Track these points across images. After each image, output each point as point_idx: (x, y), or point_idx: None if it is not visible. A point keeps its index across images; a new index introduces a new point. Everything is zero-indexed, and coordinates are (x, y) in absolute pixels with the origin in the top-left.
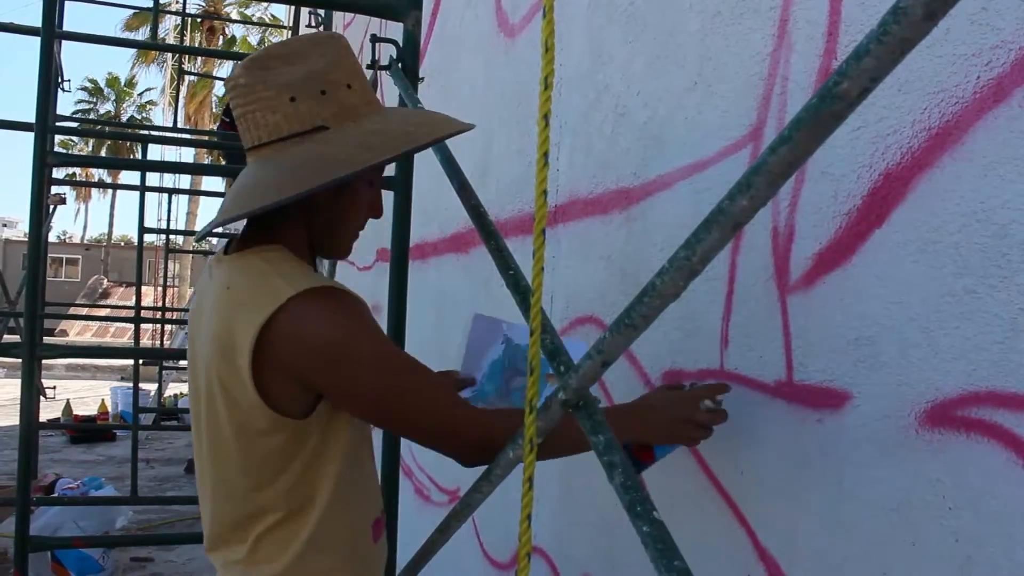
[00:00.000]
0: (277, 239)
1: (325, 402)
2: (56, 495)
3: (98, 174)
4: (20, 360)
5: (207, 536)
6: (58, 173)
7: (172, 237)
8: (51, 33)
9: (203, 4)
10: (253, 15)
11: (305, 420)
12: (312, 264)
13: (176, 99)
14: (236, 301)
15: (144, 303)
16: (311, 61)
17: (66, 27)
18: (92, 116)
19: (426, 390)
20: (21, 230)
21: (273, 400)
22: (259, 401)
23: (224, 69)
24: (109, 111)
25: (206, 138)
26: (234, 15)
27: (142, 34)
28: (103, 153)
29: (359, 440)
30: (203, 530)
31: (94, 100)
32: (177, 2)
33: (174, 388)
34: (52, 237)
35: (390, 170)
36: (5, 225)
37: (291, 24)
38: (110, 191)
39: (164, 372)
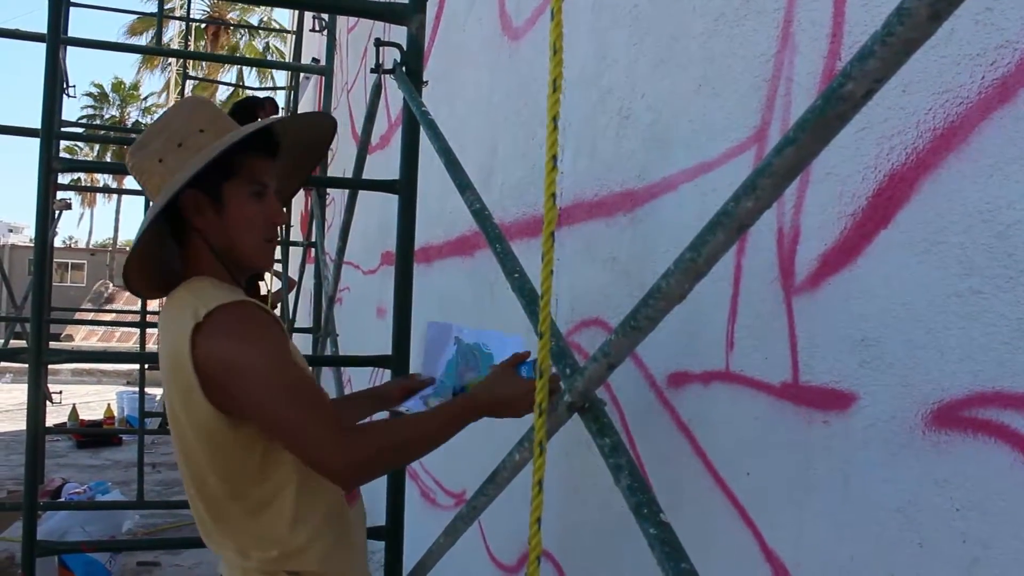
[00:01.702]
0: (199, 273)
1: None
2: (63, 500)
3: (103, 179)
4: (27, 365)
5: (203, 537)
6: (63, 178)
7: None
8: (56, 39)
9: (207, 9)
10: (258, 21)
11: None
12: (240, 285)
13: None
14: (173, 330)
15: (150, 307)
16: (172, 125)
17: (70, 32)
18: (97, 121)
19: (304, 405)
20: (27, 235)
21: (220, 404)
22: (209, 407)
23: (229, 74)
24: (114, 116)
25: None
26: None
27: (146, 39)
28: (108, 158)
29: None
30: (201, 532)
31: (99, 105)
32: (181, 7)
33: None
34: (58, 242)
35: (394, 173)
36: (11, 231)
37: (295, 28)
38: (115, 196)
39: None
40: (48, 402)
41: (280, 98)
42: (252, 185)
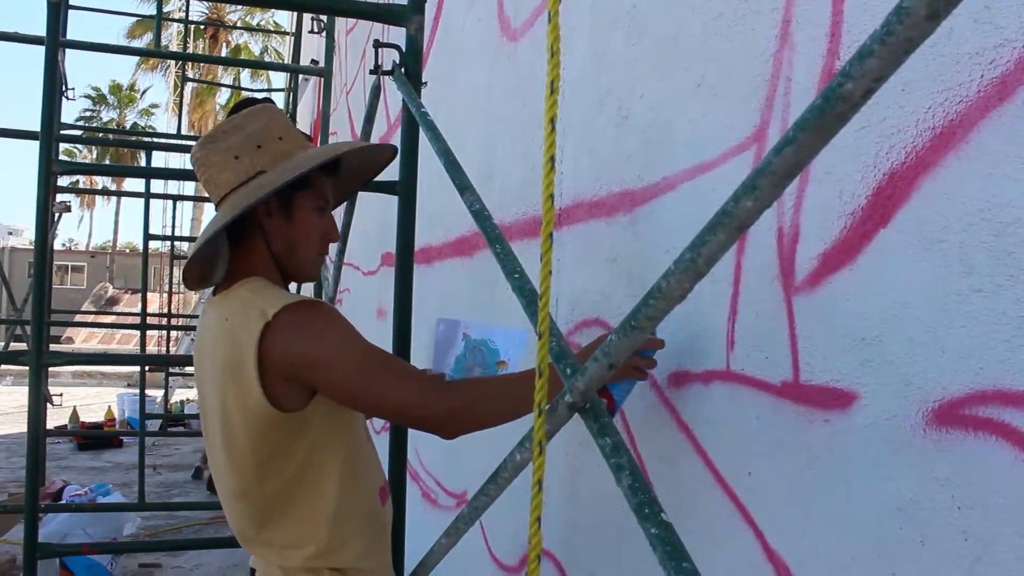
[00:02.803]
0: (255, 273)
1: (319, 396)
2: (64, 502)
3: (102, 181)
4: (27, 368)
5: (239, 537)
6: (62, 180)
7: (177, 244)
8: (55, 42)
9: (206, 11)
10: (257, 22)
11: (304, 411)
12: (286, 289)
13: (180, 106)
14: (234, 328)
15: (150, 310)
16: (248, 128)
17: (69, 35)
18: (96, 123)
19: (392, 372)
20: (27, 238)
21: (276, 401)
22: (266, 403)
23: (228, 76)
24: (112, 118)
25: None
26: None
27: (144, 41)
28: (107, 160)
29: (355, 420)
30: (236, 532)
31: (98, 108)
32: (180, 10)
33: (180, 394)
34: (57, 245)
35: (394, 175)
36: (11, 233)
37: (294, 30)
38: (114, 198)
39: (170, 378)
40: (49, 404)
41: (279, 100)
42: (318, 200)
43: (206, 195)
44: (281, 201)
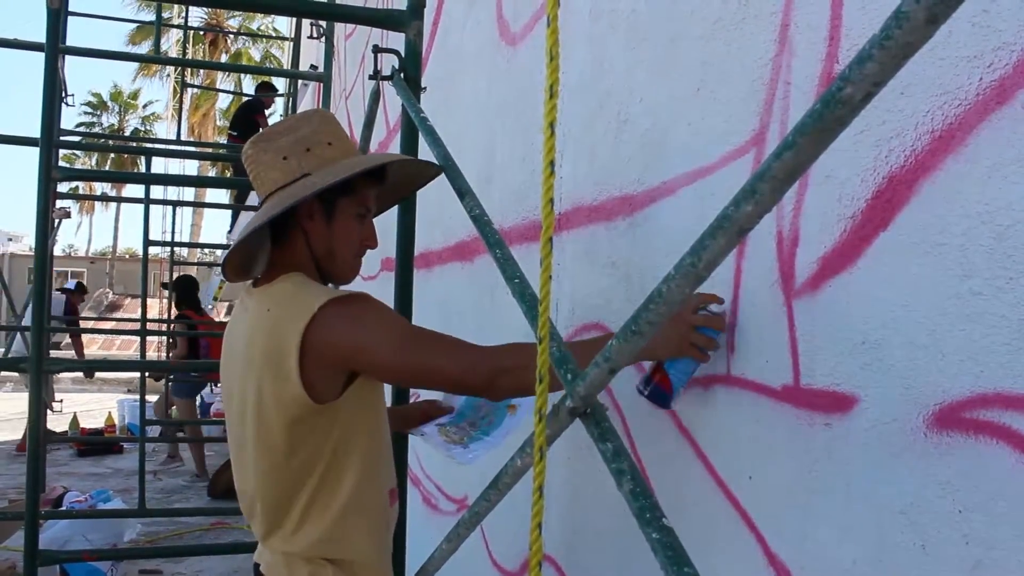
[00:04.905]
0: (296, 268)
1: (350, 389)
2: (64, 508)
3: (102, 187)
4: (27, 374)
5: (258, 521)
6: (61, 187)
7: (177, 249)
8: (55, 48)
9: (205, 17)
10: (257, 27)
11: (335, 404)
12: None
13: (179, 112)
14: (277, 317)
15: (150, 315)
16: (300, 131)
17: (69, 41)
18: (96, 130)
19: (435, 344)
20: (26, 244)
21: (312, 391)
22: (303, 393)
23: (227, 82)
24: (113, 124)
25: (209, 150)
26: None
27: (145, 48)
28: (107, 167)
29: (379, 421)
30: (252, 521)
31: (98, 114)
32: (180, 16)
33: None
34: (57, 251)
35: None
36: (10, 239)
37: (293, 35)
38: (113, 204)
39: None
40: (49, 411)
41: (279, 105)
42: (360, 207)
43: (206, 201)
44: (323, 204)
